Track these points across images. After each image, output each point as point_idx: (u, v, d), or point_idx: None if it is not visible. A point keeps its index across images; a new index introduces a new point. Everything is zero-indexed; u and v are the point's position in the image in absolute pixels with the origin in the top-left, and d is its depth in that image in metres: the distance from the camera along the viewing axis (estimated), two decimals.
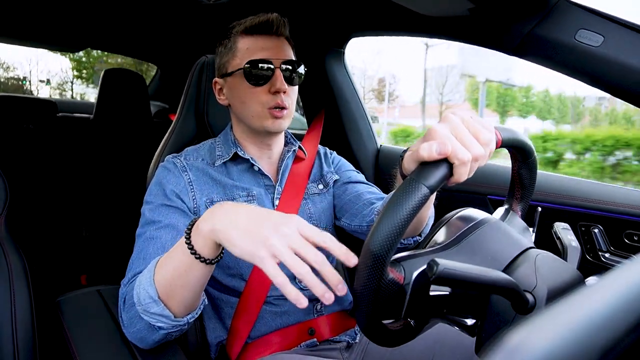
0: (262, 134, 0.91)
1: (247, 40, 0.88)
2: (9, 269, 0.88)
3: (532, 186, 0.67)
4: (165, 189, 0.85)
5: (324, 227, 0.97)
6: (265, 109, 0.86)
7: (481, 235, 0.57)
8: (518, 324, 0.25)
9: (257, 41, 0.87)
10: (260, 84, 0.86)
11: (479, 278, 0.46)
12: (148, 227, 0.81)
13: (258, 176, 0.93)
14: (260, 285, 0.87)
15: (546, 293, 0.51)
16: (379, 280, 0.49)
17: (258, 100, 0.86)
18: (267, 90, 0.86)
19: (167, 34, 2.04)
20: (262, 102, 0.86)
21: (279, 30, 0.88)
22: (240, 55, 0.87)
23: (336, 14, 1.37)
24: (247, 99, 0.87)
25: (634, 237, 0.99)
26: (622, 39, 0.81)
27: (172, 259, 0.66)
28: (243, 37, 0.88)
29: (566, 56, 0.88)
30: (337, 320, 0.94)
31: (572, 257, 0.61)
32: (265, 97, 0.86)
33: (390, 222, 0.46)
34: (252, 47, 0.87)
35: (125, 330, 0.74)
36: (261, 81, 0.86)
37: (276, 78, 0.85)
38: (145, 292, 0.66)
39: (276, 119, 0.87)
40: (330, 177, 1.02)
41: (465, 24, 1.05)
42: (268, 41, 0.87)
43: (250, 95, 0.87)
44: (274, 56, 0.86)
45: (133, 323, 0.71)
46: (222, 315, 0.90)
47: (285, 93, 0.86)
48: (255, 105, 0.87)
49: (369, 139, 1.57)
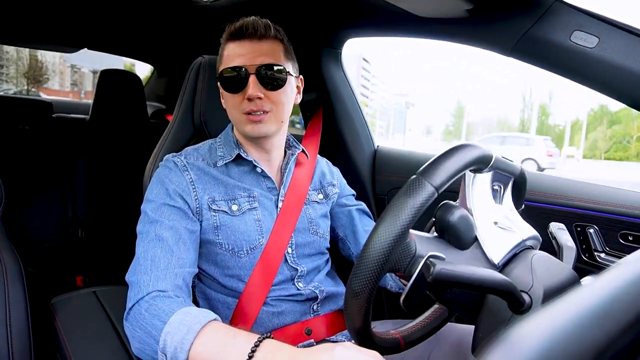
0: (252, 139, 0.91)
1: (230, 47, 0.88)
2: (3, 270, 0.88)
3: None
4: (167, 187, 0.84)
5: (322, 234, 0.98)
6: (242, 114, 0.86)
7: None
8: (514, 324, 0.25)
9: (237, 47, 0.87)
10: (236, 90, 0.86)
11: (475, 278, 0.47)
12: (151, 227, 0.80)
13: (260, 178, 0.93)
14: (259, 287, 0.87)
15: (542, 293, 0.51)
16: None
17: (235, 106, 0.87)
18: (243, 96, 0.85)
19: (164, 35, 2.03)
20: (240, 108, 0.86)
21: (257, 33, 0.86)
22: (223, 61, 0.89)
23: (332, 15, 1.37)
24: (228, 106, 0.90)
25: (629, 237, 0.99)
26: (617, 41, 0.82)
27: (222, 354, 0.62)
28: (227, 43, 0.89)
29: (561, 57, 0.88)
30: (333, 320, 0.94)
31: (567, 257, 0.61)
32: (242, 103, 0.86)
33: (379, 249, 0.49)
34: (231, 54, 0.87)
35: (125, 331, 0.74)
36: (236, 88, 0.86)
37: (248, 85, 0.84)
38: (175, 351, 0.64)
39: (255, 123, 0.86)
40: (332, 191, 1.05)
41: (462, 26, 1.06)
42: (245, 46, 0.86)
43: (230, 101, 0.88)
44: (249, 62, 0.85)
45: (135, 338, 0.71)
46: (219, 316, 0.90)
47: (261, 99, 0.85)
48: (234, 111, 0.88)
49: (366, 140, 1.57)
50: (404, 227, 0.48)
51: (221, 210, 0.86)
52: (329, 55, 1.54)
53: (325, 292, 0.94)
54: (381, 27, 1.31)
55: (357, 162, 1.55)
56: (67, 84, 22.61)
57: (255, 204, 0.90)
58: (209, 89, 1.07)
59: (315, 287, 0.93)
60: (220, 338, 0.64)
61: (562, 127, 35.32)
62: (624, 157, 32.54)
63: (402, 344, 0.62)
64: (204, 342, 0.64)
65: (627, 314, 0.25)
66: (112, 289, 1.07)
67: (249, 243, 0.87)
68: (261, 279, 0.87)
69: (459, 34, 1.09)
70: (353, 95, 1.57)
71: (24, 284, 0.90)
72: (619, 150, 34.05)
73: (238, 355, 0.60)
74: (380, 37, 1.40)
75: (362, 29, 1.40)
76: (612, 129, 35.60)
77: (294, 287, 0.91)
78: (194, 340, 0.63)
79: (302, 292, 0.91)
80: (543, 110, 39.60)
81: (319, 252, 0.97)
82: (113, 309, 0.97)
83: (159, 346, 0.66)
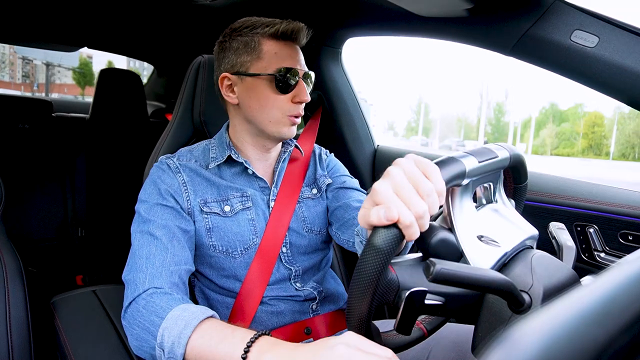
0: (270, 139, 0.91)
1: (274, 45, 0.86)
2: (4, 269, 0.88)
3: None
4: (159, 188, 0.84)
5: (318, 231, 0.97)
6: (285, 116, 0.87)
7: None
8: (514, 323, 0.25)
9: (285, 48, 0.87)
10: (286, 92, 0.86)
11: (475, 278, 0.47)
12: (144, 226, 0.80)
13: (252, 179, 0.93)
14: (256, 286, 0.87)
15: (542, 292, 0.51)
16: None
17: (279, 107, 0.87)
18: (289, 98, 0.87)
19: (164, 34, 2.03)
20: (284, 110, 0.87)
21: (301, 40, 0.89)
22: (267, 58, 0.86)
23: (332, 14, 1.37)
24: (268, 105, 0.87)
25: (629, 237, 0.99)
26: (617, 40, 0.82)
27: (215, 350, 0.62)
28: (270, 40, 0.86)
29: (561, 57, 0.88)
30: (333, 319, 0.94)
31: (567, 256, 0.61)
32: (287, 105, 0.87)
33: (358, 297, 0.49)
34: (280, 54, 0.86)
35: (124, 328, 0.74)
36: (288, 89, 0.86)
37: (301, 89, 0.86)
38: (172, 347, 0.65)
39: (292, 126, 0.89)
40: (323, 182, 1.01)
41: (462, 25, 1.06)
42: (294, 49, 0.88)
43: (273, 101, 0.86)
44: (300, 66, 0.87)
45: (133, 335, 0.71)
46: (219, 315, 0.90)
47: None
48: (276, 111, 0.87)
49: (367, 139, 1.57)
50: (374, 281, 0.48)
51: (213, 212, 0.86)
52: (329, 54, 1.54)
53: (324, 293, 0.94)
54: (381, 26, 1.31)
55: (357, 161, 1.55)
56: (19, 76, 21.74)
57: (249, 204, 0.90)
58: (209, 88, 1.06)
59: (313, 287, 0.93)
60: (217, 333, 0.64)
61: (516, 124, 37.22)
62: (571, 153, 34.58)
63: (424, 332, 0.62)
64: (201, 336, 0.64)
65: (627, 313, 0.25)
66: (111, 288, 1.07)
67: (242, 243, 0.87)
68: (257, 277, 0.87)
69: (459, 34, 1.09)
70: (353, 94, 1.57)
71: (24, 283, 0.90)
72: (567, 147, 36.10)
73: (235, 350, 0.60)
74: (380, 36, 1.39)
75: (362, 28, 1.40)
76: (562, 126, 37.85)
77: (291, 287, 0.91)
78: (192, 334, 0.63)
79: (300, 292, 0.91)
80: (499, 108, 41.00)
81: (316, 249, 0.96)
82: (113, 307, 0.98)
83: (156, 341, 0.66)
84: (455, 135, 41.88)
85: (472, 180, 0.57)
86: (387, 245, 0.48)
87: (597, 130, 34.62)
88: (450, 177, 0.53)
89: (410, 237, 0.49)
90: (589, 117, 36.13)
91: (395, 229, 0.48)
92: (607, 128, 34.21)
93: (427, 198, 0.49)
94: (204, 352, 0.62)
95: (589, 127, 34.87)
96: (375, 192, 0.51)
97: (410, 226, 0.48)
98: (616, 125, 32.92)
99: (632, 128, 32.03)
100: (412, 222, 0.48)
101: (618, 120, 33.10)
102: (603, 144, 34.04)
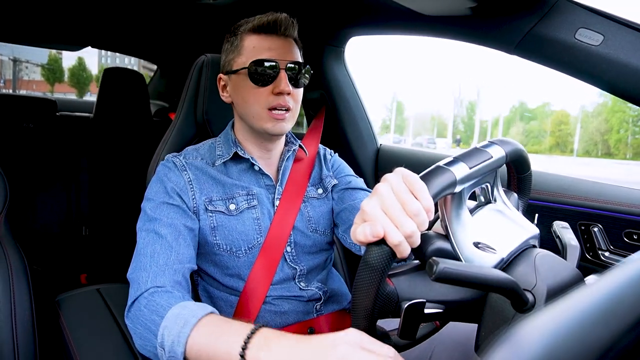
0: (263, 136, 0.90)
1: (254, 39, 0.86)
2: (9, 268, 0.89)
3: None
4: (166, 186, 0.85)
5: (322, 232, 0.96)
6: (265, 109, 0.85)
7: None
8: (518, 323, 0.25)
9: (264, 40, 0.86)
10: (264, 84, 0.85)
11: (478, 277, 0.46)
12: (150, 224, 0.80)
13: (258, 176, 0.93)
14: (260, 284, 0.87)
15: (546, 292, 0.51)
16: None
17: (260, 100, 0.85)
18: (270, 91, 0.85)
19: (167, 33, 2.04)
20: (264, 103, 0.85)
21: (287, 30, 0.87)
22: (246, 53, 0.86)
23: (335, 13, 1.37)
24: (249, 99, 0.86)
25: (634, 236, 0.99)
26: (622, 38, 0.82)
27: (213, 348, 0.62)
28: (250, 35, 0.87)
29: (566, 55, 0.88)
30: (336, 319, 0.94)
31: (571, 255, 0.61)
32: (268, 97, 0.85)
33: (360, 315, 0.51)
34: (258, 47, 0.86)
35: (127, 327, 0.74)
36: (265, 81, 0.84)
37: (280, 79, 0.84)
38: (172, 346, 0.64)
39: (277, 121, 0.85)
40: (329, 182, 1.00)
41: (466, 24, 1.05)
42: (275, 41, 0.86)
43: (253, 95, 0.85)
44: (280, 57, 0.85)
45: (136, 334, 0.71)
46: (222, 314, 0.90)
47: (289, 95, 0.85)
48: (257, 105, 0.86)
49: (369, 139, 1.57)
50: (372, 298, 0.49)
51: (218, 210, 0.86)
52: (332, 53, 1.54)
53: (328, 293, 0.94)
54: (384, 25, 1.31)
55: (360, 161, 1.55)
56: None
57: (255, 202, 0.89)
58: (212, 87, 1.07)
59: (318, 287, 0.93)
60: (216, 328, 0.64)
61: (486, 122, 38.39)
62: (539, 150, 35.58)
63: (436, 324, 0.62)
64: (200, 333, 0.63)
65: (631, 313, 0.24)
66: (115, 287, 1.08)
67: (247, 242, 0.87)
68: (261, 276, 0.87)
69: (463, 32, 1.09)
70: (356, 93, 1.57)
71: (28, 282, 0.90)
72: (535, 144, 37.09)
73: (233, 343, 0.59)
74: (383, 35, 1.39)
75: (365, 27, 1.40)
76: (530, 124, 39.11)
77: (296, 286, 0.91)
78: (191, 332, 0.63)
79: (304, 292, 0.91)
80: (472, 106, 41.76)
81: (321, 249, 0.97)
82: (117, 306, 0.98)
83: (157, 341, 0.67)
84: (428, 133, 42.58)
85: (465, 187, 0.55)
86: (379, 263, 0.48)
87: (563, 128, 35.72)
88: (439, 189, 0.51)
89: (402, 255, 0.49)
90: (556, 116, 37.19)
91: (386, 246, 0.49)
92: (573, 126, 35.23)
93: (415, 218, 0.49)
94: (204, 348, 0.62)
95: (556, 125, 35.92)
96: (363, 211, 0.51)
97: (399, 245, 0.48)
98: (580, 123, 33.78)
99: (595, 126, 32.99)
100: (401, 241, 0.48)
101: (582, 119, 34.03)
102: (569, 141, 35.13)
